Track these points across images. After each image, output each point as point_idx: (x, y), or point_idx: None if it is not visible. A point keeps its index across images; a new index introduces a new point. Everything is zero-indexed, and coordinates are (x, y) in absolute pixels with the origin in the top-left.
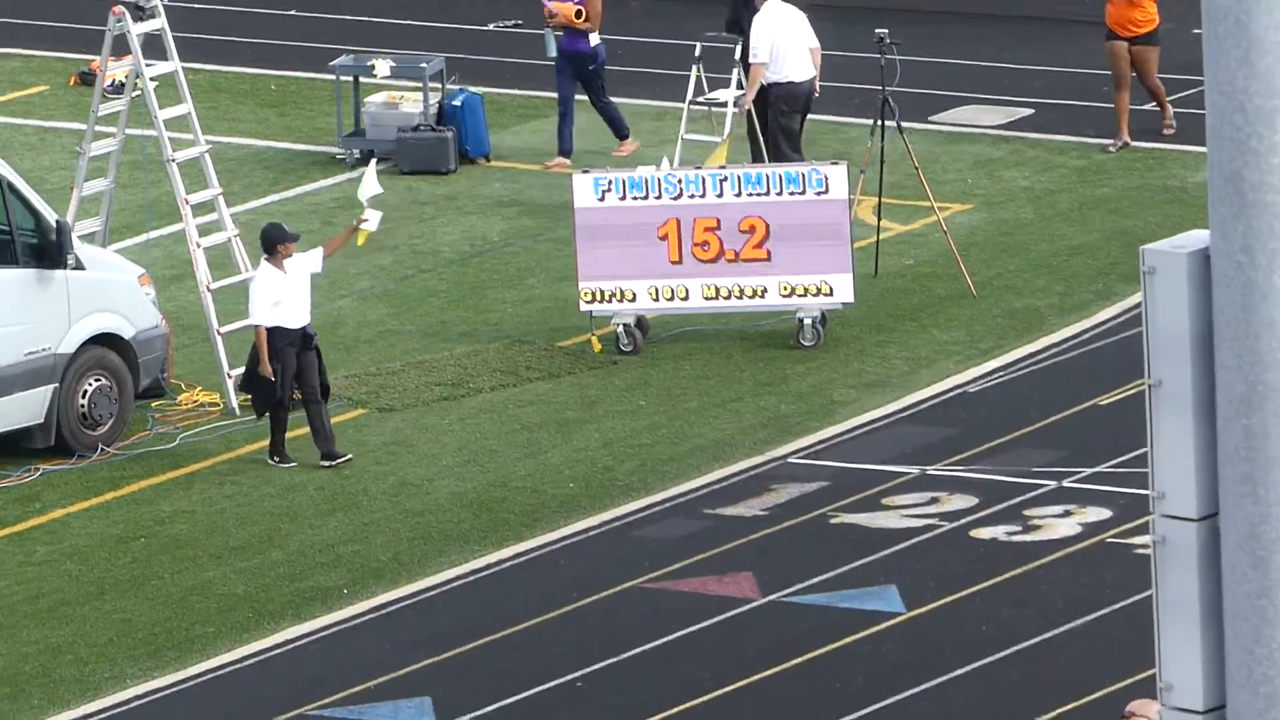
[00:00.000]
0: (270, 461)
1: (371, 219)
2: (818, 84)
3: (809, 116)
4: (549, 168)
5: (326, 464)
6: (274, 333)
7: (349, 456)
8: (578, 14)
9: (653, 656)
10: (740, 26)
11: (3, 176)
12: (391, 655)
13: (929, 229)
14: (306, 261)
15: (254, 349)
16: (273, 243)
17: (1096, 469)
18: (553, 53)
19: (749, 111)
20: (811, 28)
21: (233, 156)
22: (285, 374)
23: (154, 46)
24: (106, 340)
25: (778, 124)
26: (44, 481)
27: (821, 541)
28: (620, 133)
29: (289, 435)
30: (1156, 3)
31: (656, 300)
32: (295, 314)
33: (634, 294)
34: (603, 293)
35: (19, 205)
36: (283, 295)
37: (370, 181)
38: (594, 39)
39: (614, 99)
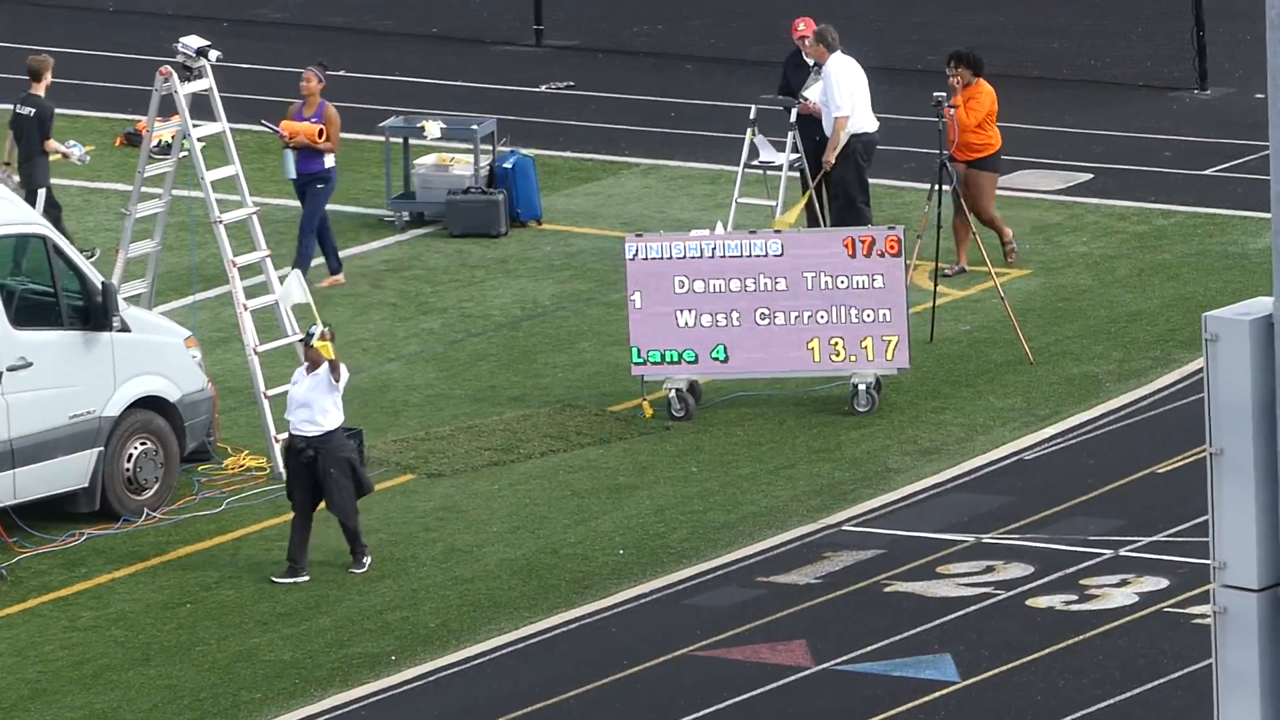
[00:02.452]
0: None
1: (291, 295)
2: None
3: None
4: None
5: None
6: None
7: (305, 578)
8: (320, 133)
9: None
10: (791, 89)
11: (48, 238)
12: None
13: (986, 295)
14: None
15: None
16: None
17: (1154, 538)
18: (291, 175)
19: (804, 173)
20: None
21: (280, 219)
22: (291, 480)
23: (201, 107)
24: (152, 403)
25: (855, 177)
26: (89, 546)
27: (876, 610)
28: (302, 264)
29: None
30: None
31: (709, 365)
32: (299, 422)
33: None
34: (655, 357)
35: (64, 267)
36: (297, 397)
37: (292, 289)
38: (329, 161)
39: (669, 162)
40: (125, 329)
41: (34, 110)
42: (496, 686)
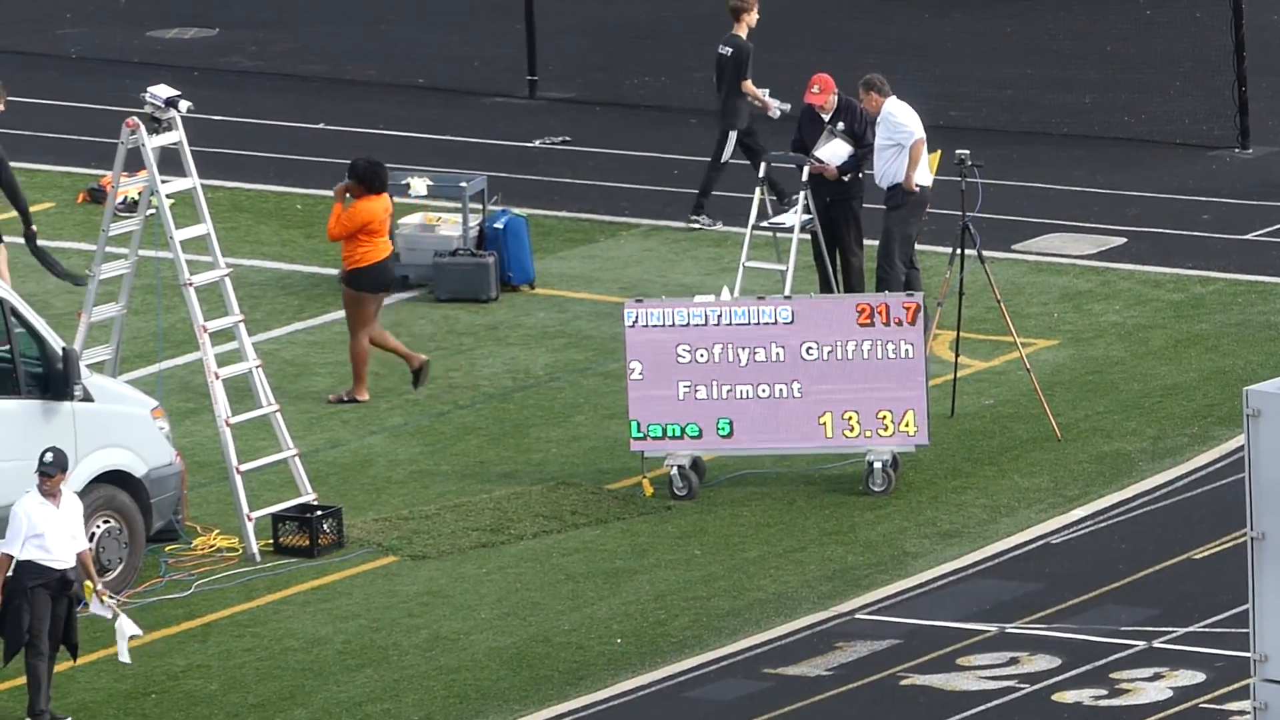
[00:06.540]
0: None
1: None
2: None
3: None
4: None
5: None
6: (23, 567)
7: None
8: None
9: None
10: (806, 147)
11: (5, 300)
12: None
13: (1011, 366)
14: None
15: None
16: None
17: (1190, 629)
18: None
19: (815, 235)
20: None
21: (255, 281)
22: (36, 617)
23: (170, 161)
24: (116, 478)
25: (900, 231)
26: None
27: (891, 704)
28: None
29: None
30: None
31: (714, 440)
32: (58, 553)
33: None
34: (656, 431)
35: (22, 331)
36: (46, 530)
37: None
38: None
39: (672, 223)
40: (88, 398)
41: (732, 50)
42: None
